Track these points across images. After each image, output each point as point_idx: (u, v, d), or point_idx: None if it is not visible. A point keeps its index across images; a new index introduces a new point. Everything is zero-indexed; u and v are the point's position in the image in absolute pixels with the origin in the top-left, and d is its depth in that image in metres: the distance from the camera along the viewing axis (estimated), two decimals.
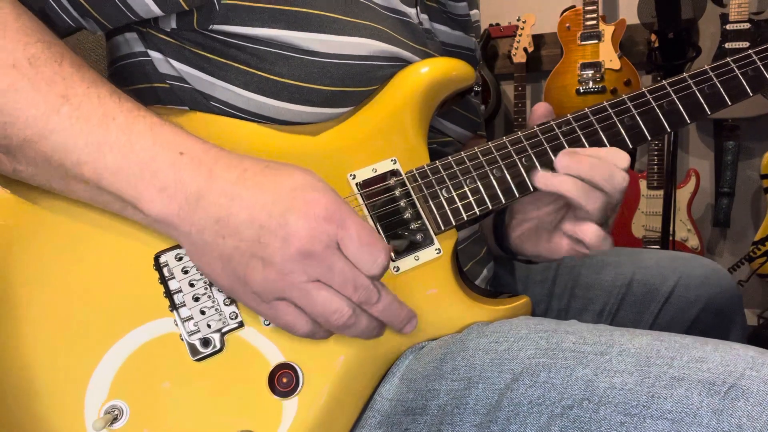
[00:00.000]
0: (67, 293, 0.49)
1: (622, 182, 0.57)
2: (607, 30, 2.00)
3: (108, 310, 0.50)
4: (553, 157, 0.60)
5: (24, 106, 0.44)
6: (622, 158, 0.58)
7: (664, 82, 0.63)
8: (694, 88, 0.63)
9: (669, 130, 0.63)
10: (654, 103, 0.63)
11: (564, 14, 2.08)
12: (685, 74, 0.64)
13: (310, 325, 0.47)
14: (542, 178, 0.58)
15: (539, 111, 0.63)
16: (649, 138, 0.63)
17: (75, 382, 0.48)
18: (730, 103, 0.64)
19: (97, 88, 0.47)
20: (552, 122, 0.62)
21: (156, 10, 0.54)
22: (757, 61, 0.64)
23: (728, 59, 0.64)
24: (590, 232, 0.58)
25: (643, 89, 0.63)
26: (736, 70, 0.64)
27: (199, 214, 0.45)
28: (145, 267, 0.51)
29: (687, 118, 0.63)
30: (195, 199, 0.45)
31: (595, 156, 0.58)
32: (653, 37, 1.87)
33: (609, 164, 0.57)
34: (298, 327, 0.47)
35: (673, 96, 0.63)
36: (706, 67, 0.64)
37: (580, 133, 0.61)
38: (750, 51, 0.65)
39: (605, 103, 0.62)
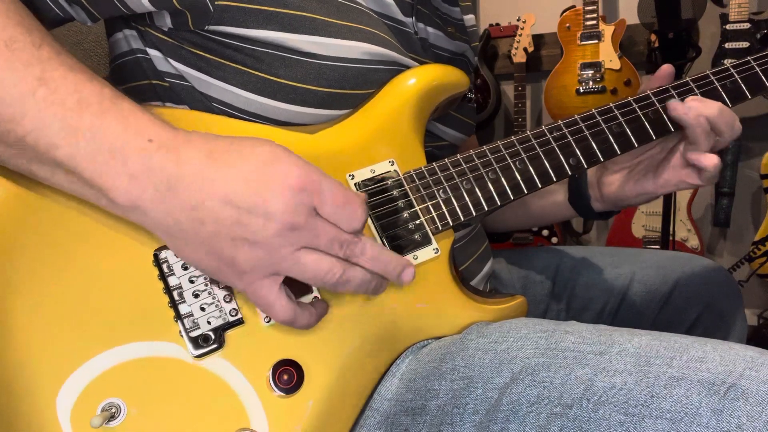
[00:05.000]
0: (63, 288, 0.49)
1: (739, 131, 0.66)
2: (607, 30, 2.00)
3: (105, 308, 0.49)
4: (545, 161, 0.62)
5: None
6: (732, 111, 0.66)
7: (648, 92, 0.67)
8: (677, 99, 0.66)
9: (654, 138, 0.66)
10: (640, 112, 0.66)
11: (564, 14, 2.08)
12: (668, 85, 0.68)
13: (291, 312, 0.47)
14: (679, 108, 0.65)
15: (664, 72, 0.70)
16: (637, 145, 0.66)
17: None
18: None
19: (74, 74, 0.46)
20: (544, 128, 0.64)
21: (147, 5, 0.54)
22: (735, 75, 0.68)
23: (708, 71, 0.69)
24: (713, 160, 0.65)
25: (629, 98, 0.67)
26: (715, 82, 0.68)
27: (173, 202, 0.45)
28: (144, 263, 0.51)
29: (671, 128, 0.67)
30: (166, 188, 0.45)
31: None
32: (653, 37, 1.87)
33: (732, 113, 0.65)
34: (278, 310, 0.47)
35: (657, 105, 0.66)
36: (688, 79, 0.68)
37: (570, 138, 0.64)
38: (728, 65, 0.69)
39: (594, 111, 0.66)
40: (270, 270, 0.46)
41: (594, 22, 2.01)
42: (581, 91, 2.01)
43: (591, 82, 2.00)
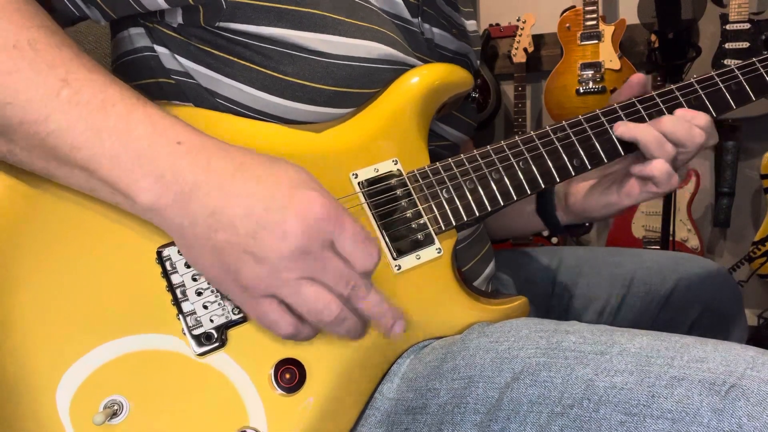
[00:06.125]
0: (64, 284, 0.49)
1: (699, 138, 0.64)
2: (607, 30, 2.00)
3: (107, 304, 0.49)
4: (548, 161, 0.63)
5: (23, 87, 0.44)
6: (700, 117, 0.65)
7: (653, 93, 0.67)
8: (681, 100, 0.67)
9: None
10: (644, 113, 0.66)
11: (564, 14, 2.08)
12: (672, 86, 0.68)
13: (293, 327, 0.47)
14: (623, 127, 0.64)
15: (634, 81, 0.69)
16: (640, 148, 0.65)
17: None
18: (715, 116, 0.68)
19: (97, 75, 0.46)
20: (548, 128, 0.64)
21: (162, 3, 0.54)
22: (739, 76, 0.68)
23: (712, 73, 0.68)
24: (657, 167, 0.63)
25: (634, 100, 0.67)
26: (720, 84, 0.68)
27: (194, 206, 0.44)
28: (147, 261, 0.51)
29: None
30: (190, 190, 0.44)
31: (677, 116, 0.65)
32: (653, 37, 1.87)
33: (688, 122, 0.64)
34: (281, 327, 0.47)
35: (662, 107, 0.67)
36: (692, 80, 0.68)
37: (574, 138, 0.64)
38: (733, 66, 0.69)
39: (597, 111, 0.66)
40: (269, 290, 0.45)
41: (594, 22, 2.01)
42: (581, 91, 2.01)
43: (591, 83, 2.01)
